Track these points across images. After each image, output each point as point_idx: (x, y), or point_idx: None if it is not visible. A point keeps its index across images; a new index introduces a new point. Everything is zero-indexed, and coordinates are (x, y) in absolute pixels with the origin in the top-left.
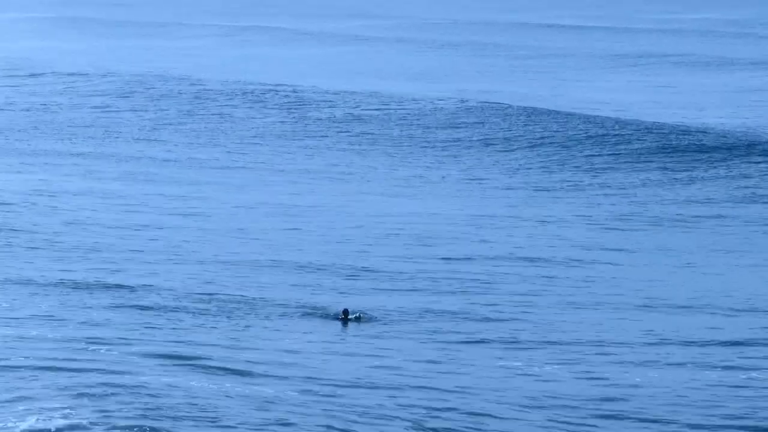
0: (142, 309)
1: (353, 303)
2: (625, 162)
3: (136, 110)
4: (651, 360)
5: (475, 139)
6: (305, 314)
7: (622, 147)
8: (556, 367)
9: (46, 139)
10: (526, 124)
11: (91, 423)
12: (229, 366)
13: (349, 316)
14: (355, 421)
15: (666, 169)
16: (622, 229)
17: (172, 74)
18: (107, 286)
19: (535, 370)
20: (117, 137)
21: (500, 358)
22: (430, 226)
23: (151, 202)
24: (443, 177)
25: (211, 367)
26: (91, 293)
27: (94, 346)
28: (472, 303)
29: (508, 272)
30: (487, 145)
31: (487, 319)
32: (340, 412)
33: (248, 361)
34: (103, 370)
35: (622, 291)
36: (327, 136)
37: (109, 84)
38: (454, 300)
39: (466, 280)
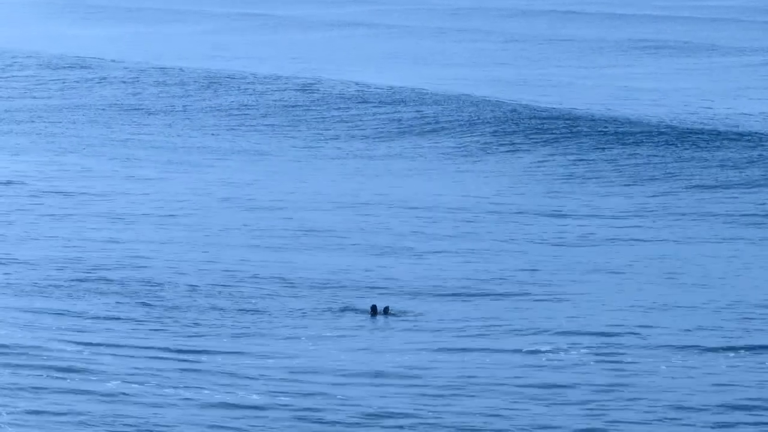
0: (158, 302)
1: (380, 297)
2: None
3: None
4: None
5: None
6: (332, 310)
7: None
8: (597, 357)
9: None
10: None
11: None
12: (258, 363)
13: (378, 311)
14: (386, 415)
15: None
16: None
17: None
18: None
19: (569, 357)
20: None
21: (532, 348)
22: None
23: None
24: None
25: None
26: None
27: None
28: (502, 292)
29: (540, 259)
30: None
31: (519, 308)
32: (371, 404)
33: (282, 358)
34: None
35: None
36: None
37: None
38: (484, 289)
39: (494, 269)
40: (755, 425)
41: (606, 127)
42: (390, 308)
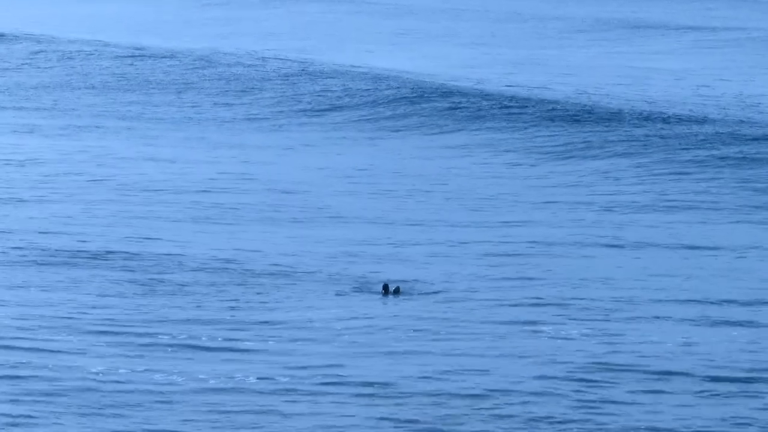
0: (166, 281)
1: (391, 275)
2: None
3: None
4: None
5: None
6: (343, 289)
7: None
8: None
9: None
10: None
11: None
12: (268, 342)
13: (389, 290)
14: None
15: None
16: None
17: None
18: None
19: (576, 333)
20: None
21: (544, 327)
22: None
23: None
24: None
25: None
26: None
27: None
28: (515, 271)
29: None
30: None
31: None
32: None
33: (292, 339)
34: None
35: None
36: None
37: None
38: (495, 268)
39: (508, 246)
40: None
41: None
42: (401, 288)
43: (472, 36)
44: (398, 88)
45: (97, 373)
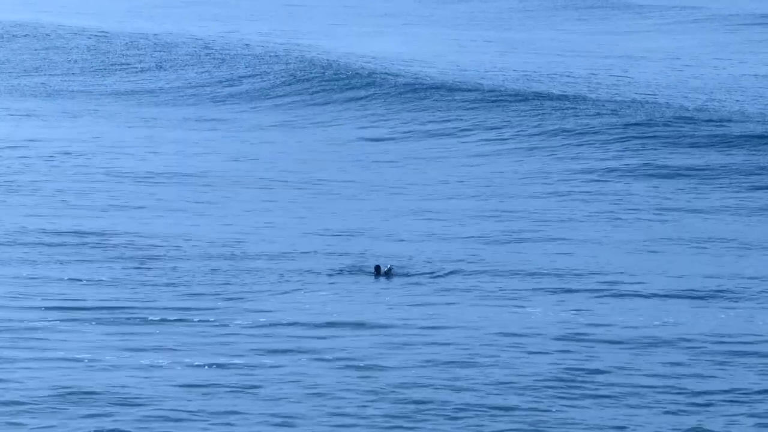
0: (163, 268)
1: (382, 257)
2: None
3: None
4: None
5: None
6: (335, 272)
7: None
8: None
9: None
10: None
11: None
12: (264, 325)
13: (381, 271)
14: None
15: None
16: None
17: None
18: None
19: (558, 314)
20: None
21: (532, 306)
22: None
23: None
24: None
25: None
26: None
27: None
28: (506, 253)
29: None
30: None
31: (524, 270)
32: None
33: (280, 319)
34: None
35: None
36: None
37: None
38: (487, 250)
39: (495, 229)
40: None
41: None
42: (392, 269)
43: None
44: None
45: (84, 354)
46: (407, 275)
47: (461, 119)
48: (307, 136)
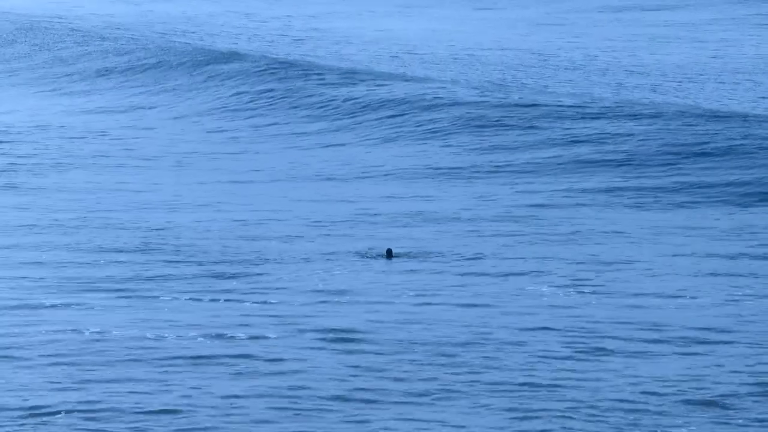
0: (177, 256)
1: (394, 242)
2: None
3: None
4: None
5: None
6: (349, 255)
7: None
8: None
9: None
10: None
11: None
12: (278, 308)
13: (393, 255)
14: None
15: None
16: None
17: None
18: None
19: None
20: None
21: (541, 291)
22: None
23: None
24: None
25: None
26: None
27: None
28: (512, 238)
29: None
30: None
31: (531, 254)
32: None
33: (286, 295)
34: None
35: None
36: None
37: None
38: (492, 236)
39: (502, 215)
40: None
41: None
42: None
43: None
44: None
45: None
46: (419, 258)
47: None
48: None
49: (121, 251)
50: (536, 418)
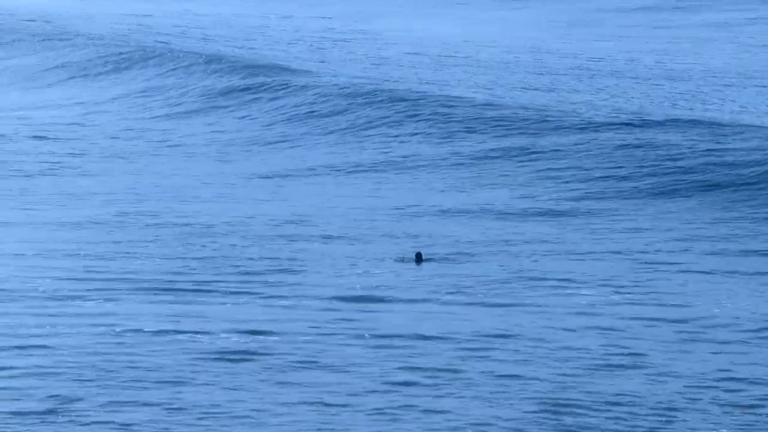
0: (206, 252)
1: (422, 244)
2: None
3: None
4: None
5: None
6: (378, 258)
7: None
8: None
9: None
10: None
11: None
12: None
13: (423, 259)
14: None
15: None
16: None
17: None
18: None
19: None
20: None
21: (569, 293)
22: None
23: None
24: None
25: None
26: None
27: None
28: (550, 236)
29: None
30: None
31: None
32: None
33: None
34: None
35: None
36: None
37: None
38: (525, 237)
39: (534, 214)
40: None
41: None
42: (433, 257)
43: None
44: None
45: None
46: (449, 261)
47: None
48: None
49: (159, 246)
50: (568, 414)
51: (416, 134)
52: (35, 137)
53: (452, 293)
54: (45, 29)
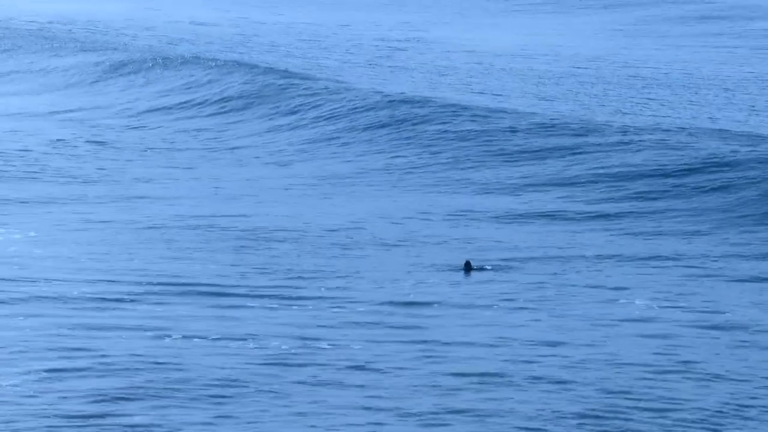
0: (260, 258)
1: (473, 253)
2: None
3: None
4: None
5: None
6: (427, 266)
7: None
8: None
9: None
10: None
11: None
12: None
13: (472, 268)
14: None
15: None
16: None
17: None
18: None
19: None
20: None
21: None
22: None
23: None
24: None
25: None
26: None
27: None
28: (598, 243)
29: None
30: None
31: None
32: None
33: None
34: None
35: None
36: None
37: None
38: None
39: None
40: None
41: None
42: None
43: None
44: None
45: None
46: (499, 270)
47: None
48: None
49: (213, 251)
50: (616, 419)
51: (467, 140)
52: (93, 142)
53: (503, 300)
54: (103, 37)
